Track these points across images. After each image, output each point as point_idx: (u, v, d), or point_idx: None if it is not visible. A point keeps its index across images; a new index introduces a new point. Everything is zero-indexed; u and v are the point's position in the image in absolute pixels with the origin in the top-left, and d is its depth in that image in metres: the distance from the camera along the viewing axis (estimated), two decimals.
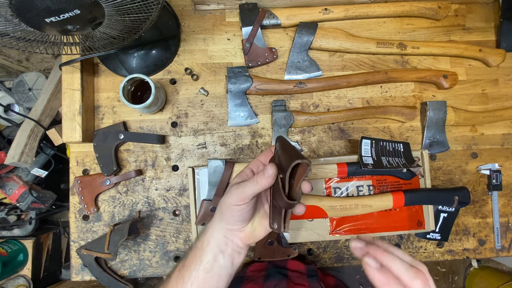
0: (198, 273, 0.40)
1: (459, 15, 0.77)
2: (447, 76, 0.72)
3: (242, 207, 0.40)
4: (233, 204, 0.40)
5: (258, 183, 0.39)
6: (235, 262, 0.43)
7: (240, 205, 0.40)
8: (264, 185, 0.39)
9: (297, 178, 0.39)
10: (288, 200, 0.37)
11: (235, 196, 0.40)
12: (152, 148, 0.71)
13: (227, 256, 0.42)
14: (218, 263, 0.41)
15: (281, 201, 0.38)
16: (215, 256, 0.41)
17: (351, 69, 0.75)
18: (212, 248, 0.42)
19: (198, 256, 0.42)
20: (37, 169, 1.02)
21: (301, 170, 0.38)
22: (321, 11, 0.72)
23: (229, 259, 0.42)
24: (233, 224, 0.42)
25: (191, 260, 0.42)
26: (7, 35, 0.50)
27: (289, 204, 0.38)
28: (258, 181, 0.39)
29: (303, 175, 0.38)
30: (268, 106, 0.73)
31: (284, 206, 0.39)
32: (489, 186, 0.73)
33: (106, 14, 0.50)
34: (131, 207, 0.70)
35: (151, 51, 0.71)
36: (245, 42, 0.71)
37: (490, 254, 0.73)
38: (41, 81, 1.02)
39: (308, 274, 0.61)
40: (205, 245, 0.42)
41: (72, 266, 0.69)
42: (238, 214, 0.41)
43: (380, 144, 0.64)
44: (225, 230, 0.42)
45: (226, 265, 0.42)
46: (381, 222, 0.65)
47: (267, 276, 0.60)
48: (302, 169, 0.38)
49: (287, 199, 0.37)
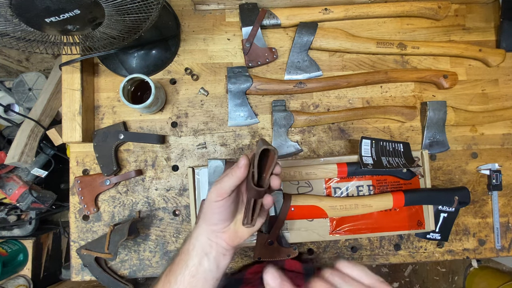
0: (184, 278, 0.41)
1: (459, 15, 0.77)
2: (447, 76, 0.72)
3: (221, 203, 0.40)
4: (213, 201, 0.41)
5: (233, 175, 0.40)
6: (221, 265, 0.43)
7: (219, 201, 0.40)
8: (239, 176, 0.40)
9: (267, 167, 0.40)
10: (256, 186, 0.39)
11: (213, 192, 0.41)
12: (152, 148, 0.71)
13: (212, 259, 0.42)
14: (203, 267, 0.41)
15: (250, 190, 0.40)
16: (200, 259, 0.42)
17: (351, 69, 0.75)
18: (197, 252, 0.42)
19: (183, 260, 0.42)
20: (37, 169, 1.02)
21: (270, 160, 0.40)
22: (321, 11, 0.72)
23: (214, 262, 0.42)
24: (215, 223, 0.42)
25: (177, 265, 0.42)
26: (7, 35, 0.50)
27: (256, 191, 0.39)
28: (233, 173, 0.40)
29: (272, 163, 0.39)
30: (268, 106, 0.73)
31: (253, 195, 0.40)
32: (489, 186, 0.73)
33: (106, 14, 0.50)
34: (131, 207, 0.70)
35: (151, 51, 0.71)
36: (245, 42, 0.71)
37: (490, 254, 0.73)
38: (41, 81, 1.02)
39: (305, 273, 0.61)
40: (191, 249, 0.42)
41: (72, 266, 0.69)
42: (218, 211, 0.41)
43: (380, 144, 0.64)
44: (208, 232, 0.43)
45: (211, 269, 0.42)
46: (381, 222, 0.65)
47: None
48: (271, 159, 0.40)
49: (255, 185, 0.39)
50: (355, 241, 0.71)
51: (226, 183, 0.40)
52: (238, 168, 0.40)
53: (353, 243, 0.71)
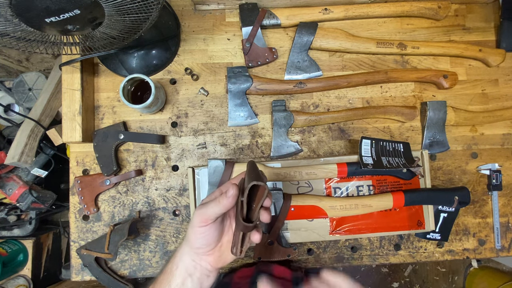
0: None
1: (459, 15, 0.77)
2: (447, 76, 0.72)
3: (205, 229, 0.40)
4: (196, 226, 0.40)
5: (219, 203, 0.39)
6: (204, 286, 0.42)
7: (203, 227, 0.40)
8: (226, 205, 0.38)
9: (256, 201, 0.39)
10: (244, 222, 0.37)
11: (197, 217, 0.40)
12: (152, 148, 0.71)
13: (195, 280, 0.42)
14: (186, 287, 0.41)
15: (239, 223, 0.38)
16: (184, 280, 0.41)
17: (351, 69, 0.75)
18: (181, 272, 0.41)
19: (166, 280, 0.41)
20: (37, 169, 1.02)
21: (259, 193, 0.38)
22: (321, 11, 0.72)
23: (198, 283, 0.42)
24: (199, 247, 0.41)
25: (160, 284, 0.42)
26: (7, 35, 0.50)
27: (245, 226, 0.38)
28: (220, 201, 0.39)
29: (262, 198, 0.38)
30: (268, 106, 0.73)
31: (241, 229, 0.39)
32: (489, 186, 0.73)
33: (106, 14, 0.50)
34: (131, 207, 0.70)
35: (151, 51, 0.71)
36: (245, 42, 0.71)
37: (490, 254, 0.73)
38: (41, 81, 1.02)
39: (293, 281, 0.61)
40: (174, 269, 0.42)
41: (72, 266, 0.69)
42: (201, 236, 0.40)
43: (380, 144, 0.64)
44: (193, 254, 0.42)
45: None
46: (381, 222, 0.65)
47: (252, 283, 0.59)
48: (261, 192, 0.38)
49: (243, 221, 0.37)
50: (355, 241, 0.71)
51: (211, 210, 0.39)
52: (226, 197, 0.38)
53: (353, 243, 0.71)
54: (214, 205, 0.39)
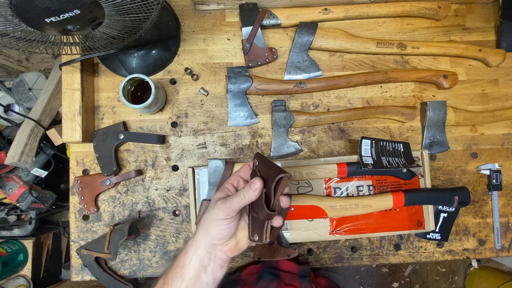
0: None
1: (459, 15, 0.77)
2: (447, 76, 0.72)
3: (229, 221, 0.42)
4: (221, 219, 0.41)
5: (245, 197, 0.41)
6: (217, 277, 0.44)
7: (227, 219, 0.41)
8: (251, 198, 0.41)
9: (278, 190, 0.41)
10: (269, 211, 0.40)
11: (222, 211, 0.41)
12: (152, 148, 0.71)
13: (209, 272, 0.42)
14: (200, 280, 0.42)
15: (263, 212, 0.41)
16: (198, 273, 0.42)
17: (351, 69, 0.75)
18: (195, 266, 0.42)
19: (179, 273, 0.42)
20: (37, 169, 1.02)
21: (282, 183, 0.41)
22: (321, 11, 0.72)
23: (212, 275, 0.43)
24: (221, 237, 0.43)
25: (172, 277, 0.42)
26: (7, 35, 0.50)
27: (270, 215, 0.40)
28: (245, 194, 0.41)
29: (284, 188, 0.41)
30: (268, 106, 0.73)
31: (266, 218, 0.41)
32: (489, 186, 0.73)
33: (106, 14, 0.50)
34: (131, 207, 0.70)
35: (151, 51, 0.71)
36: (245, 42, 0.71)
37: (490, 254, 0.73)
38: (41, 81, 1.02)
39: (300, 274, 0.62)
40: (187, 263, 0.42)
41: (72, 266, 0.69)
42: (225, 227, 0.42)
43: (380, 144, 0.64)
44: (209, 246, 0.43)
45: (208, 282, 0.42)
46: (381, 222, 0.65)
47: (259, 278, 0.61)
48: (284, 182, 0.41)
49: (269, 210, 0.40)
50: (355, 241, 0.71)
51: (237, 203, 0.41)
52: (252, 190, 0.41)
53: (353, 243, 0.71)
54: (239, 199, 0.41)
